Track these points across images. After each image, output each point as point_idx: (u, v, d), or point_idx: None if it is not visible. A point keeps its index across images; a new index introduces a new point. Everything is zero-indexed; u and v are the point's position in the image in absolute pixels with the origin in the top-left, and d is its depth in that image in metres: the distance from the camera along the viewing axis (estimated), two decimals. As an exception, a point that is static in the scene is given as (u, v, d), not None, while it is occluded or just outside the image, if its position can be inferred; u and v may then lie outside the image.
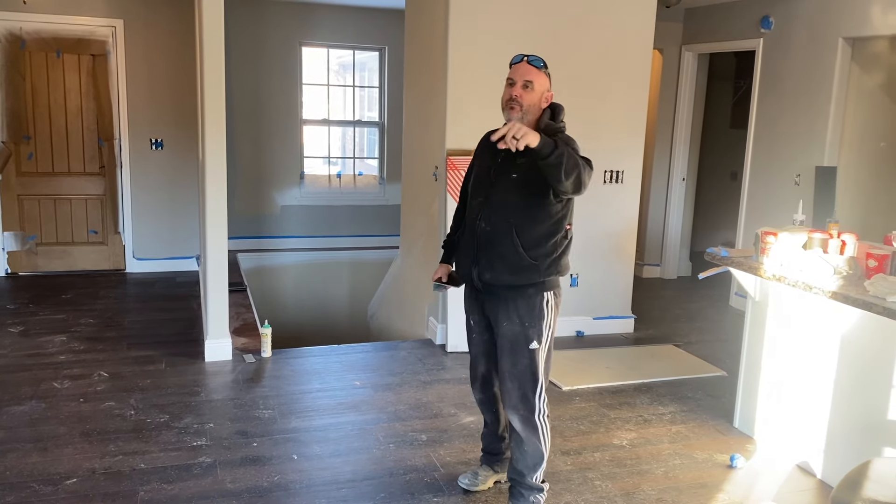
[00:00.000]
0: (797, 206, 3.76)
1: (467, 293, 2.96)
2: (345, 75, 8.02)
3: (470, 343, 3.02)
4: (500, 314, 2.79)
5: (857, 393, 3.21)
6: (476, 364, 3.02)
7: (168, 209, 6.69)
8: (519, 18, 4.86)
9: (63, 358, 4.55)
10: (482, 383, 3.03)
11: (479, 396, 3.08)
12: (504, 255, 2.72)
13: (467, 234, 2.85)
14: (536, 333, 2.78)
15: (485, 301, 2.86)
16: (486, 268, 2.76)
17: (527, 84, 2.68)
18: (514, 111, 2.68)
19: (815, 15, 5.42)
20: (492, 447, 3.17)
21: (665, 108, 6.97)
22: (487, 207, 2.76)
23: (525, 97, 2.67)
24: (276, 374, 4.43)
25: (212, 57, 4.31)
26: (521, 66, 2.70)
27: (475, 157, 2.95)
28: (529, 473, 2.89)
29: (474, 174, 2.89)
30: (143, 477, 3.18)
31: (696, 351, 5.12)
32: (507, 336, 2.79)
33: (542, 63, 2.72)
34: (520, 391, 2.79)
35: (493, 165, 2.76)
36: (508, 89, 2.71)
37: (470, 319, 2.97)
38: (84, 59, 6.36)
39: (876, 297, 2.94)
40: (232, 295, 4.86)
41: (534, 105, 2.70)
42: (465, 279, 2.89)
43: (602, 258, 5.38)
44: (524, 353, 2.78)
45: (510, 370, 2.80)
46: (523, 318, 2.76)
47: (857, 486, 2.28)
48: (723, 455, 3.58)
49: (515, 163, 2.67)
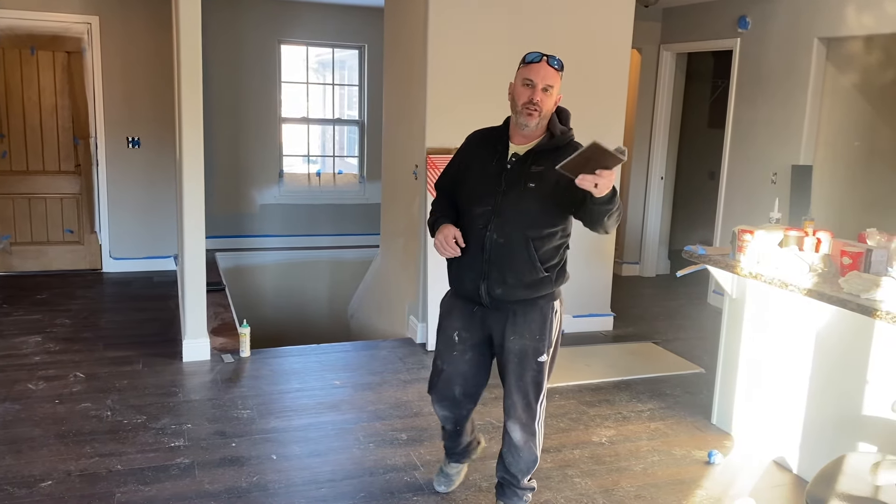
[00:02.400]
0: (773, 205, 3.80)
1: (458, 307, 2.72)
2: (324, 73, 7.98)
3: (447, 361, 2.76)
4: (507, 329, 2.63)
5: (831, 389, 3.25)
6: (450, 384, 2.78)
7: (145, 208, 6.62)
8: (497, 17, 4.86)
9: (38, 359, 4.49)
10: (452, 404, 2.83)
11: (444, 414, 2.89)
12: (519, 269, 2.54)
13: (471, 246, 2.57)
14: (546, 346, 2.65)
15: (487, 317, 2.67)
16: (498, 283, 2.56)
17: (547, 88, 2.46)
18: (532, 117, 2.46)
19: (791, 15, 5.48)
20: (454, 447, 3.06)
21: (643, 107, 7.01)
22: (499, 218, 2.53)
23: (545, 102, 2.47)
24: (255, 374, 4.41)
25: (189, 54, 4.27)
26: (541, 68, 2.47)
27: (466, 158, 2.70)
28: (523, 476, 2.82)
29: (473, 179, 2.63)
30: (119, 478, 3.14)
31: (674, 348, 5.16)
32: (515, 351, 2.63)
33: (562, 64, 2.53)
34: (524, 401, 2.67)
35: (501, 171, 2.54)
36: (527, 90, 2.47)
37: (455, 336, 2.73)
38: (59, 57, 6.27)
39: (850, 294, 2.97)
40: (210, 294, 4.82)
41: (549, 110, 2.51)
42: (467, 294, 2.66)
43: (582, 256, 5.39)
44: (532, 366, 2.64)
45: (516, 384, 2.66)
46: (534, 332, 2.62)
47: (831, 480, 2.31)
48: (701, 451, 3.61)
49: (529, 170, 2.49)
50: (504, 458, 2.82)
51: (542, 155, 2.50)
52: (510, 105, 2.55)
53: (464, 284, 2.65)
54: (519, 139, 2.57)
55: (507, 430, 2.74)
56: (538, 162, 2.49)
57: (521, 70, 2.52)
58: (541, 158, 2.50)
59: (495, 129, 2.66)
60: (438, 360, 2.80)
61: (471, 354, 2.73)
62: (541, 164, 2.49)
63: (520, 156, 2.53)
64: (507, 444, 2.78)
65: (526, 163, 2.51)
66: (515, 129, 2.56)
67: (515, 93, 2.51)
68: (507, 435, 2.76)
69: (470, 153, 2.69)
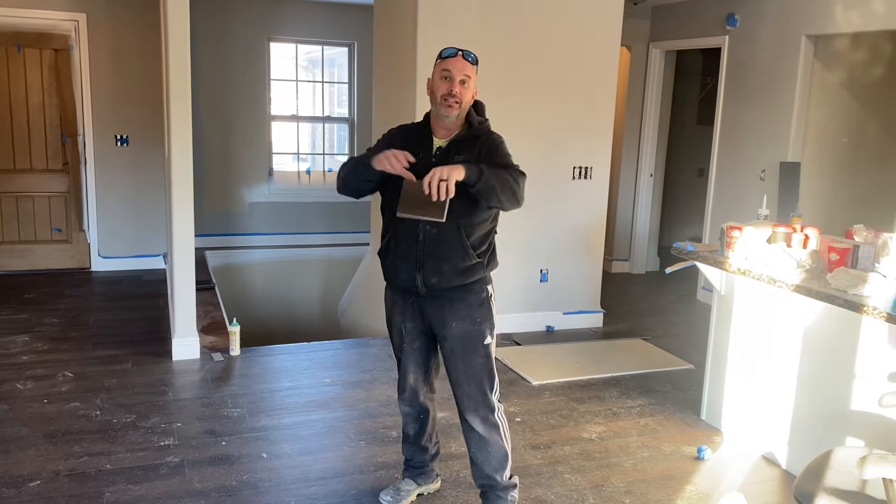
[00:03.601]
0: (762, 201, 3.82)
1: (398, 301, 2.77)
2: (314, 71, 7.97)
3: (403, 352, 2.83)
4: (448, 317, 2.67)
5: (819, 384, 3.27)
6: (406, 375, 2.85)
7: (134, 206, 6.59)
8: (487, 14, 4.86)
9: (26, 358, 4.46)
10: (411, 395, 2.88)
11: (406, 409, 2.93)
12: (452, 257, 2.60)
13: (403, 238, 2.63)
14: (489, 328, 2.70)
15: (424, 306, 2.71)
16: (433, 272, 2.61)
17: (464, 80, 2.55)
18: (453, 108, 2.55)
19: (780, 13, 5.50)
20: (415, 459, 3.03)
21: (633, 104, 7.03)
22: None
23: (464, 94, 2.56)
24: (245, 372, 4.40)
25: (177, 52, 4.25)
26: (457, 61, 2.56)
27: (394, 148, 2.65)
28: (499, 474, 2.78)
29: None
30: (108, 478, 3.13)
31: (663, 344, 5.18)
32: (459, 337, 2.68)
33: (476, 59, 2.61)
34: (479, 391, 2.70)
35: (428, 163, 2.55)
36: (445, 83, 2.55)
37: (402, 328, 2.79)
38: (46, 54, 6.23)
39: (838, 289, 2.99)
40: (200, 293, 4.81)
41: (468, 102, 2.60)
42: (403, 285, 2.70)
43: (571, 254, 5.42)
44: (479, 351, 2.69)
45: (465, 371, 2.69)
46: (474, 315, 2.67)
47: (819, 475, 2.33)
48: (690, 447, 3.63)
49: (452, 160, 2.55)
50: (474, 459, 2.78)
51: (464, 144, 2.59)
52: (430, 99, 2.62)
53: (399, 276, 2.68)
54: (441, 132, 2.63)
55: (469, 424, 2.74)
56: (460, 151, 2.57)
57: (438, 64, 2.60)
58: (462, 148, 2.59)
59: (417, 125, 2.73)
60: (398, 354, 2.86)
61: (419, 342, 2.79)
62: (462, 153, 2.57)
63: (443, 147, 2.60)
64: (473, 441, 2.76)
65: (449, 153, 2.57)
66: (437, 122, 2.63)
67: (434, 86, 2.59)
68: (469, 431, 2.75)
69: (397, 146, 2.63)
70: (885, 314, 2.75)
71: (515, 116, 5.02)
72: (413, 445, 3.00)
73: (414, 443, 2.99)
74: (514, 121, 5.03)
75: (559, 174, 5.27)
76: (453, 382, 2.75)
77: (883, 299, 2.85)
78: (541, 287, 5.38)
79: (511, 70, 4.99)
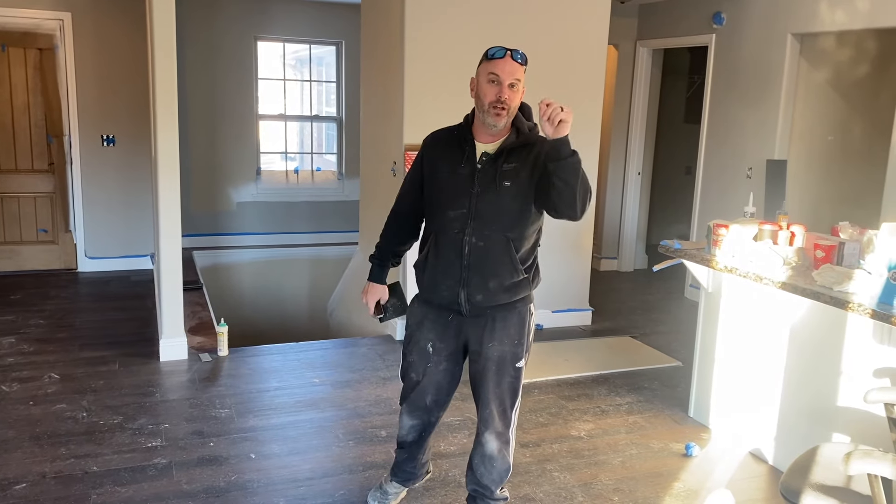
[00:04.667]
0: (748, 199, 3.84)
1: (430, 317, 2.59)
2: (301, 70, 7.94)
3: (422, 373, 2.63)
4: (486, 336, 2.52)
5: (806, 380, 3.29)
6: (424, 394, 2.67)
7: (121, 206, 6.55)
8: (474, 12, 4.86)
9: (11, 360, 4.43)
10: (424, 413, 2.72)
11: (413, 422, 2.76)
12: (500, 272, 2.44)
13: (446, 251, 2.46)
14: (524, 350, 2.57)
15: (463, 325, 2.55)
16: (480, 288, 2.44)
17: (514, 84, 2.34)
18: (501, 117, 2.35)
19: (766, 11, 5.53)
20: (409, 470, 2.91)
21: (620, 103, 7.04)
22: (477, 220, 2.41)
23: (513, 99, 2.35)
24: (233, 372, 4.38)
25: (163, 51, 4.23)
26: (506, 63, 2.33)
27: (429, 163, 2.56)
28: (496, 487, 2.70)
29: (443, 182, 2.49)
30: (95, 480, 3.11)
31: (652, 342, 5.20)
32: (493, 358, 2.53)
33: (525, 58, 2.40)
34: (500, 409, 2.58)
35: (473, 172, 2.42)
36: (493, 88, 2.34)
37: (428, 347, 2.60)
38: (31, 54, 6.18)
39: (823, 286, 3.01)
40: (187, 293, 4.78)
41: (517, 107, 2.40)
42: (444, 303, 2.53)
43: (560, 252, 5.42)
44: (510, 372, 2.55)
45: (494, 391, 2.55)
46: (513, 337, 2.53)
47: (805, 471, 2.34)
48: (678, 444, 3.65)
49: (502, 168, 2.39)
50: (475, 469, 2.69)
51: (514, 152, 2.41)
52: (475, 103, 2.43)
53: (440, 292, 2.52)
54: (485, 137, 2.45)
55: (482, 440, 2.63)
56: (510, 160, 2.40)
57: (484, 65, 2.39)
58: (512, 156, 2.41)
59: (457, 129, 2.53)
60: (413, 373, 2.66)
61: (445, 364, 2.62)
62: (512, 161, 2.40)
63: (490, 154, 2.42)
64: (479, 455, 2.66)
65: (498, 161, 2.40)
66: (481, 128, 2.44)
67: (480, 91, 2.39)
68: (480, 446, 2.64)
69: (433, 157, 2.55)
70: (871, 311, 2.77)
71: (503, 115, 5.02)
72: (407, 453, 2.87)
73: (409, 451, 2.86)
74: (502, 119, 5.03)
75: (547, 173, 5.26)
76: (479, 400, 2.61)
77: (868, 296, 2.87)
78: (529, 285, 5.38)
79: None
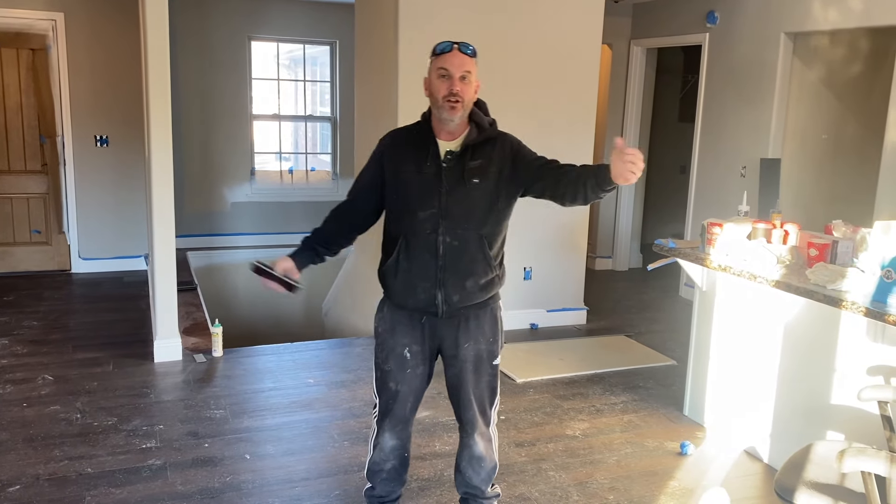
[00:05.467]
0: (742, 198, 3.85)
1: (402, 322, 2.50)
2: (295, 70, 7.93)
3: (401, 381, 2.52)
4: (461, 336, 2.47)
5: (800, 379, 3.30)
6: (404, 404, 2.55)
7: (115, 207, 6.53)
8: (468, 12, 4.86)
9: (5, 362, 4.41)
10: (402, 426, 2.60)
11: (394, 443, 2.60)
12: (475, 270, 2.40)
13: (420, 253, 2.39)
14: (499, 347, 2.55)
15: (437, 327, 2.48)
16: (456, 288, 2.40)
17: (464, 76, 2.31)
18: (456, 110, 2.32)
19: (759, 10, 5.54)
20: (392, 495, 2.73)
21: (615, 102, 7.05)
22: (448, 219, 2.36)
23: (465, 92, 2.32)
24: (228, 373, 4.37)
25: (156, 51, 4.22)
26: (455, 56, 2.31)
27: (391, 160, 2.46)
28: (486, 485, 2.66)
29: (409, 181, 2.41)
30: (89, 482, 3.10)
31: (646, 341, 5.20)
32: (471, 358, 2.49)
33: (475, 51, 2.36)
34: (481, 408, 2.55)
35: (439, 170, 2.37)
36: (444, 82, 2.30)
37: (405, 352, 2.50)
38: (23, 54, 6.16)
39: (817, 285, 3.02)
40: (181, 294, 4.77)
41: (471, 100, 2.37)
42: (420, 306, 2.44)
43: (555, 251, 5.43)
44: (488, 371, 2.52)
45: (474, 392, 2.51)
46: (487, 335, 2.50)
47: (799, 469, 2.35)
48: (673, 443, 3.65)
49: (468, 165, 2.37)
50: (463, 472, 2.63)
51: (478, 149, 2.40)
52: (431, 101, 2.39)
53: (416, 295, 2.43)
54: (445, 136, 2.40)
55: (469, 443, 2.59)
56: (476, 156, 2.38)
57: (433, 62, 2.36)
58: (477, 153, 2.39)
59: (416, 128, 2.47)
60: (391, 382, 2.53)
61: (422, 368, 2.54)
62: (478, 158, 2.38)
63: (455, 152, 2.38)
64: (466, 458, 2.61)
65: (463, 158, 2.38)
66: (440, 125, 2.40)
67: (432, 87, 2.35)
68: (467, 448, 2.59)
69: (396, 156, 2.46)
70: (864, 309, 2.77)
71: (497, 115, 5.00)
72: (392, 480, 2.68)
73: (394, 478, 2.67)
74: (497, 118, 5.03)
75: (542, 172, 5.27)
76: (460, 403, 2.55)
77: (861, 294, 2.88)
78: (525, 285, 5.39)
79: (492, 69, 4.97)
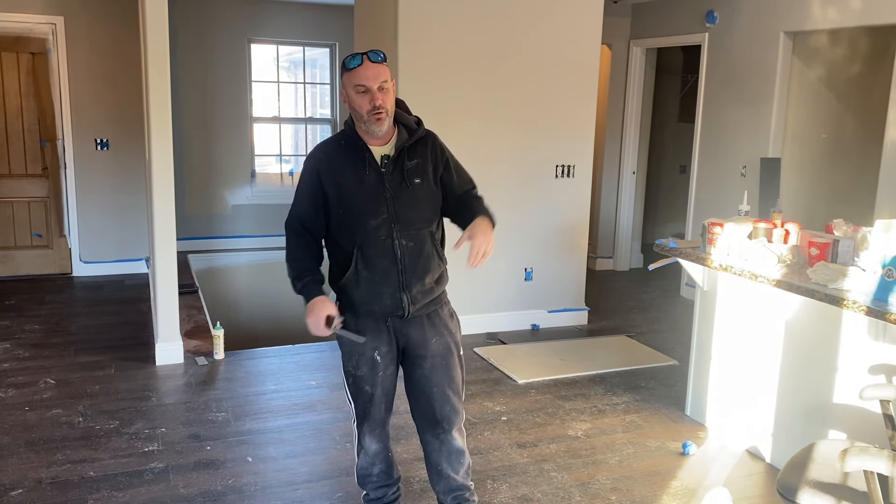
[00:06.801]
0: (743, 198, 3.85)
1: (370, 327, 2.49)
2: (295, 72, 7.94)
3: (375, 384, 2.53)
4: (428, 333, 2.50)
5: (801, 378, 3.30)
6: (379, 406, 2.57)
7: (115, 210, 6.54)
8: (468, 14, 4.87)
9: (7, 366, 4.41)
10: (381, 428, 2.63)
11: (377, 448, 2.64)
12: (431, 267, 2.46)
13: (379, 260, 2.40)
14: (460, 336, 2.61)
15: (402, 327, 2.49)
16: (419, 288, 2.44)
17: (382, 86, 2.32)
18: (382, 120, 2.34)
19: (758, 9, 5.54)
20: (386, 497, 2.76)
21: (615, 102, 7.05)
22: (399, 222, 2.40)
23: (387, 101, 2.34)
24: (230, 376, 4.37)
25: (156, 55, 4.22)
26: (367, 69, 2.32)
27: (328, 174, 2.43)
28: (468, 479, 2.69)
29: (351, 193, 2.40)
30: (92, 485, 3.10)
31: (648, 341, 5.20)
32: (440, 353, 2.52)
33: (384, 56, 2.38)
34: (456, 400, 2.57)
35: (380, 176, 2.40)
36: (365, 97, 2.32)
37: (375, 355, 2.50)
38: (23, 58, 6.17)
39: (818, 284, 3.02)
40: (183, 297, 4.78)
41: (393, 105, 2.40)
42: (386, 311, 2.45)
43: (555, 252, 5.43)
44: (456, 363, 2.56)
45: (449, 386, 2.54)
46: (450, 327, 2.56)
47: (801, 468, 2.35)
48: (675, 443, 3.65)
49: (406, 167, 2.42)
50: (443, 472, 2.62)
51: (411, 149, 2.46)
52: (354, 116, 2.41)
53: (383, 302, 2.44)
54: (375, 141, 2.43)
55: (447, 439, 2.58)
56: (411, 157, 2.44)
57: (347, 77, 2.36)
58: (412, 153, 2.45)
59: (344, 138, 2.46)
60: (366, 386, 2.53)
61: (391, 369, 2.56)
62: (414, 158, 2.44)
63: (391, 156, 2.42)
64: (445, 456, 2.60)
65: (400, 161, 2.42)
66: (366, 134, 2.41)
67: (354, 103, 2.36)
68: (446, 444, 2.59)
69: (332, 170, 2.44)
70: (865, 308, 2.77)
71: (497, 115, 5.03)
72: (384, 486, 2.73)
73: (384, 483, 2.73)
74: (496, 120, 5.04)
75: (542, 173, 5.28)
76: (434, 400, 2.54)
77: (863, 293, 2.88)
78: (525, 286, 5.39)
79: (492, 69, 4.99)
